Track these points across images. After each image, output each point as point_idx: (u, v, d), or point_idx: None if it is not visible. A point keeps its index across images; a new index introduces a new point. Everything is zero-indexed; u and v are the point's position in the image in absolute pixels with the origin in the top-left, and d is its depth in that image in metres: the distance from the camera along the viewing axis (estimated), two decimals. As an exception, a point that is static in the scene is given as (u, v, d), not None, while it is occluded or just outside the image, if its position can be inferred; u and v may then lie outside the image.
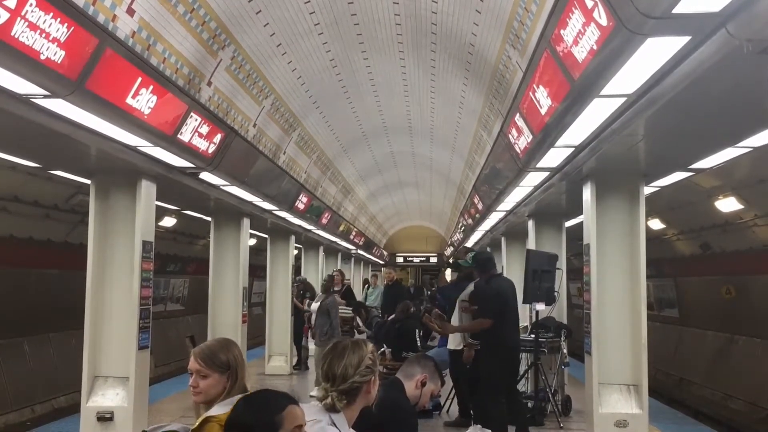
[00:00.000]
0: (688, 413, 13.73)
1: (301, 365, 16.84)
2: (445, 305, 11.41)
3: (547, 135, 6.96)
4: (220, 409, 3.30)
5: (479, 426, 9.74)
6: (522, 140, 7.95)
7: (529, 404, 10.89)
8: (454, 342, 10.22)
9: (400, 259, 41.36)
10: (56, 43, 4.92)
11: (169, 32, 7.07)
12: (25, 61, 4.77)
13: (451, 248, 23.45)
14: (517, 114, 7.70)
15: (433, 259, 41.23)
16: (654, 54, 4.45)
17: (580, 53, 4.90)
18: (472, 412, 10.07)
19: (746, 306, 13.77)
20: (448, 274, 18.36)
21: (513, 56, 8.32)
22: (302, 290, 17.07)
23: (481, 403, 9.11)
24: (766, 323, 13.13)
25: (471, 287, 9.91)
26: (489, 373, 9.00)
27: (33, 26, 4.65)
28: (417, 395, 4.49)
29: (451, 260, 12.26)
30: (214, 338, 3.77)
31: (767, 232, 12.07)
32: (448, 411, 11.29)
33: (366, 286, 24.26)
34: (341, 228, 21.53)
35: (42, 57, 4.86)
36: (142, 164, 8.14)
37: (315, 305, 12.75)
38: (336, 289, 14.62)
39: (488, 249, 19.91)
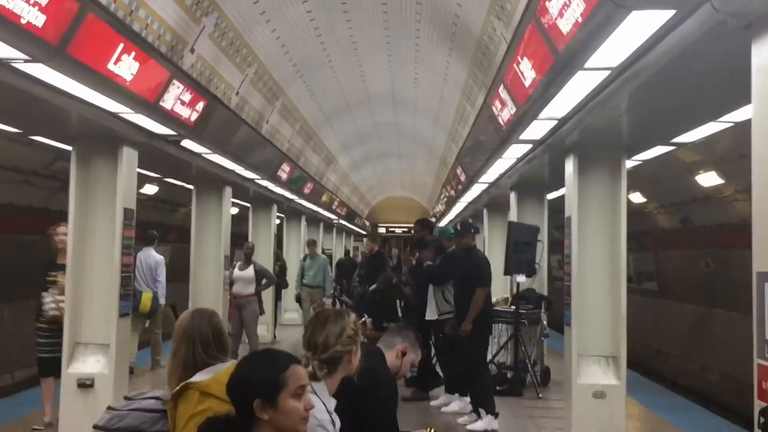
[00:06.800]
0: (665, 385, 13.89)
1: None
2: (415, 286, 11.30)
3: (530, 107, 6.96)
4: (201, 377, 3.32)
5: (458, 395, 9.88)
6: (505, 112, 7.95)
7: (509, 375, 11.00)
8: (431, 312, 10.27)
9: (382, 230, 41.39)
10: (37, 7, 4.86)
11: (151, -2, 7.00)
12: (5, 25, 4.71)
13: (433, 219, 23.00)
14: (501, 86, 7.69)
15: (415, 230, 41.20)
16: (638, 27, 4.45)
17: (565, 26, 4.89)
18: (446, 381, 10.22)
19: (724, 280, 13.91)
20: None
21: (498, 28, 8.30)
22: (274, 260, 16.95)
23: (474, 372, 9.18)
24: (743, 297, 13.25)
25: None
26: (482, 342, 9.14)
27: (13, -10, 4.59)
28: (397, 365, 4.53)
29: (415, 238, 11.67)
30: (190, 310, 3.77)
31: (747, 206, 12.14)
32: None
33: (303, 257, 18.03)
34: (324, 198, 21.48)
35: (23, 21, 4.79)
36: (124, 131, 8.08)
37: None
38: None
39: (469, 220, 19.96)
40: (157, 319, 12.70)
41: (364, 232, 37.95)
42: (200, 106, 8.39)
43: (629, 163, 9.50)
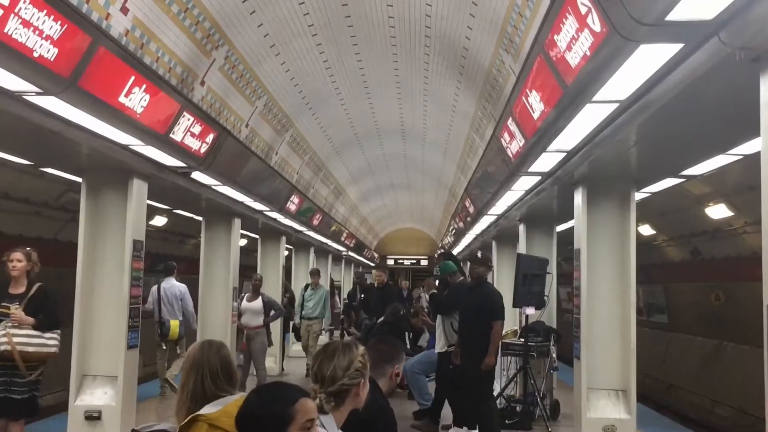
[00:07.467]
0: (675, 419, 13.76)
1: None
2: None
3: (539, 139, 6.98)
4: (210, 409, 3.30)
5: (466, 429, 9.79)
6: (514, 144, 7.97)
7: (518, 408, 10.91)
8: (440, 344, 10.25)
9: (390, 262, 41.29)
10: (49, 41, 4.91)
11: (162, 31, 7.06)
12: (17, 59, 4.76)
13: (443, 251, 22.93)
14: (510, 118, 7.71)
15: (424, 262, 41.23)
16: (647, 61, 4.47)
17: (574, 59, 4.91)
18: (453, 413, 10.11)
19: (735, 312, 13.82)
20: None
21: (506, 60, 8.34)
22: (282, 292, 16.94)
23: (483, 404, 9.09)
24: (754, 330, 13.15)
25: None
26: (488, 374, 9.09)
27: (26, 23, 4.64)
28: (392, 386, 4.48)
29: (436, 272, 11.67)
30: (199, 341, 3.76)
31: (756, 239, 12.10)
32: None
33: (304, 287, 16.50)
34: (332, 229, 21.45)
35: (35, 54, 4.85)
36: (134, 163, 8.12)
37: None
38: None
39: (479, 252, 19.90)
40: (182, 344, 12.77)
41: (372, 264, 37.91)
42: (210, 138, 8.43)
43: (638, 196, 9.51)
